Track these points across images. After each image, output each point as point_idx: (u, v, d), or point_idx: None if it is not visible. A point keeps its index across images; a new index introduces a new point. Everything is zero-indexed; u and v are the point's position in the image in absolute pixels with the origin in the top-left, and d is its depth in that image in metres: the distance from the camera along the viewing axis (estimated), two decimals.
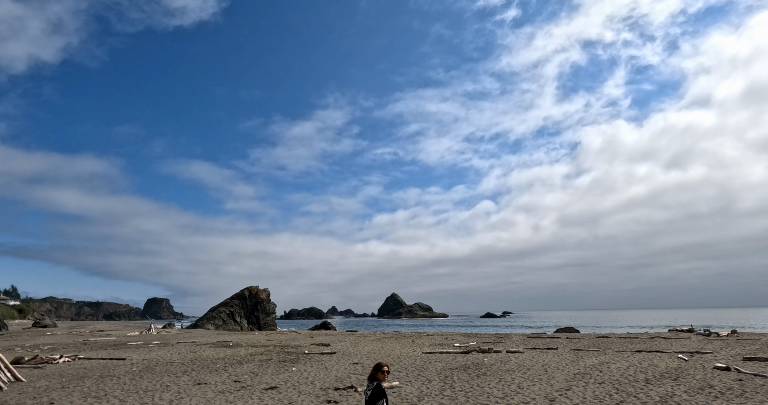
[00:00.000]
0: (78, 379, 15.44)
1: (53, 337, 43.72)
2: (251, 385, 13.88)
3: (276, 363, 19.63)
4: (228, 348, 27.47)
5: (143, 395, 12.34)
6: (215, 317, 77.45)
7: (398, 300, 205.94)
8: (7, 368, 14.95)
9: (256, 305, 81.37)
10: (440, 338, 35.70)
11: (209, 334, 51.34)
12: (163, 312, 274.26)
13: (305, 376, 15.70)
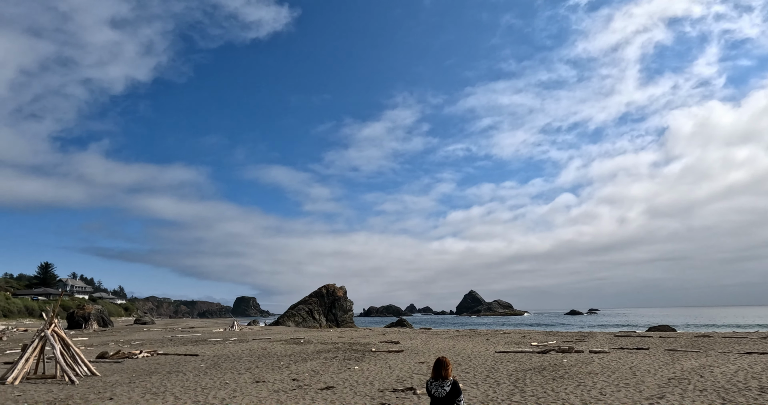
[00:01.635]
0: (147, 374, 15.78)
1: (147, 334, 46.70)
2: (308, 385, 13.36)
3: (340, 361, 19.13)
4: (298, 345, 27.55)
5: (199, 393, 12.18)
6: (295, 315, 79.70)
7: (476, 297, 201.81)
8: (83, 362, 15.57)
9: (334, 303, 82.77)
10: (517, 336, 33.75)
11: (287, 330, 52.59)
12: (251, 310, 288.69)
13: (365, 376, 14.97)
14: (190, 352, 23.14)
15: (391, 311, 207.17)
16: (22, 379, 13.85)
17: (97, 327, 69.94)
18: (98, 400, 11.09)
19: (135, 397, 11.62)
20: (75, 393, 12.13)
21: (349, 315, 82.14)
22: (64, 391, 12.34)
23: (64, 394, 11.91)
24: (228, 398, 11.40)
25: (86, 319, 71.23)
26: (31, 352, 14.53)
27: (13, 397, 11.58)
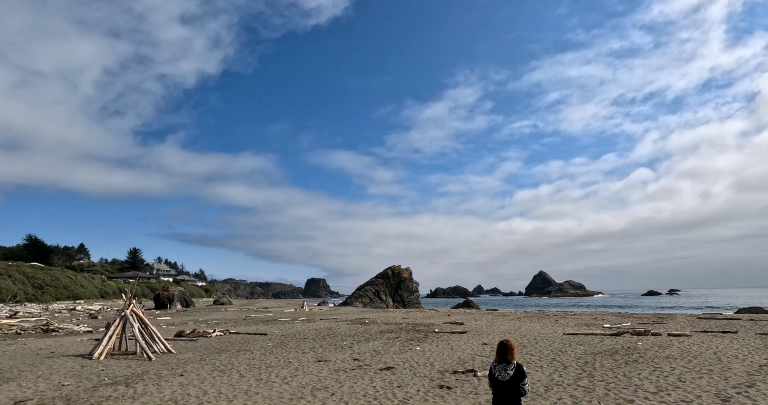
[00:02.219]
0: (217, 352, 16.54)
1: (224, 314, 49.34)
2: (368, 365, 13.41)
3: (402, 341, 19.12)
4: (362, 325, 27.93)
5: (263, 371, 12.56)
6: (362, 295, 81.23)
7: (546, 278, 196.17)
8: (160, 340, 16.57)
9: (399, 284, 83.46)
10: (588, 318, 32.32)
11: (354, 311, 53.67)
12: (321, 291, 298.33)
13: (426, 357, 14.83)
14: (260, 332, 24.09)
15: (458, 292, 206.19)
16: (106, 355, 14.95)
17: (180, 307, 74.91)
18: (170, 376, 11.71)
19: (203, 373, 12.16)
20: (151, 369, 12.91)
21: (415, 296, 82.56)
22: (141, 367, 13.17)
23: (141, 370, 12.69)
24: (289, 377, 11.65)
25: (170, 300, 76.35)
26: (113, 330, 15.64)
27: (96, 371, 12.49)
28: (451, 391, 9.87)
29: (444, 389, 10.11)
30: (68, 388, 10.25)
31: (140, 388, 10.18)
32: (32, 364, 13.45)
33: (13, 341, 20.45)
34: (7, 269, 74.47)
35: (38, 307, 54.38)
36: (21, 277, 74.84)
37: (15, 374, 11.82)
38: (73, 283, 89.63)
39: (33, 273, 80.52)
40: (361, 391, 9.98)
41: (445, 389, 10.11)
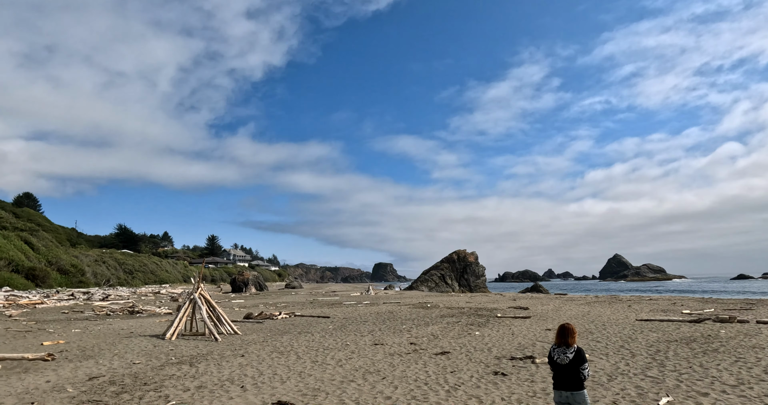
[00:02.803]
0: (280, 334, 17.09)
1: (294, 297, 51.18)
2: (424, 349, 13.28)
3: (462, 326, 18.82)
4: (424, 309, 27.86)
5: (320, 353, 12.78)
6: (427, 280, 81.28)
7: (622, 261, 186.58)
8: (227, 322, 17.35)
9: (465, 268, 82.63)
10: (666, 303, 30.29)
11: (418, 295, 53.79)
12: (388, 275, 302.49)
13: (485, 342, 14.47)
14: (323, 315, 24.67)
15: (527, 276, 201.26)
16: (177, 336, 15.87)
17: (254, 291, 78.59)
18: (232, 357, 12.21)
19: (263, 354, 12.58)
20: (215, 349, 13.53)
21: (482, 280, 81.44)
22: (208, 348, 13.84)
23: (207, 350, 13.34)
24: (344, 359, 11.77)
25: (245, 284, 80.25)
26: (183, 312, 16.56)
27: (166, 350, 13.28)
28: (505, 378, 9.53)
29: (498, 376, 9.78)
30: (138, 366, 10.95)
31: (202, 368, 10.68)
32: (112, 343, 14.54)
33: (102, 322, 22.24)
34: (101, 256, 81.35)
35: (127, 290, 59.03)
36: (114, 263, 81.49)
37: (95, 352, 12.82)
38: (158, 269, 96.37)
39: (124, 259, 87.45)
40: (412, 375, 9.87)
41: (499, 376, 9.78)
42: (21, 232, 66.33)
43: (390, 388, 8.73)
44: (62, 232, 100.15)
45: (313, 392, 8.44)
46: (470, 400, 7.94)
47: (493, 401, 7.84)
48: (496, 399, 7.97)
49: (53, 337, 15.80)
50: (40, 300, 35.02)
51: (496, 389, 8.64)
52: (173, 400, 7.75)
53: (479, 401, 7.85)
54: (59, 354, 12.34)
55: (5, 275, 45.91)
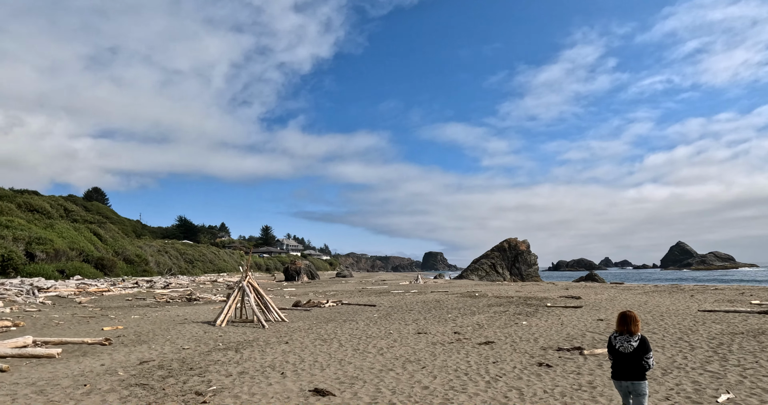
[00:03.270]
0: (326, 322, 17.30)
1: (343, 285, 51.96)
2: (468, 339, 13.04)
3: (509, 315, 18.38)
4: (471, 298, 27.47)
5: (363, 341, 12.81)
6: (478, 269, 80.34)
7: (686, 249, 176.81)
8: (274, 310, 17.74)
9: (517, 257, 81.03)
10: (733, 293, 28.37)
11: (468, 284, 53.22)
12: (439, 264, 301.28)
13: (531, 332, 14.04)
14: (370, 303, 24.81)
15: (582, 265, 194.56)
16: (227, 323, 16.39)
17: (306, 279, 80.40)
18: (276, 343, 12.45)
19: (306, 341, 12.75)
20: (261, 336, 13.86)
21: (534, 269, 79.60)
22: (254, 334, 14.20)
23: (253, 337, 13.69)
24: (386, 348, 11.73)
25: (298, 273, 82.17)
26: (232, 300, 17.07)
27: (215, 337, 13.73)
28: (549, 370, 9.17)
29: (543, 367, 9.42)
30: (187, 351, 11.36)
31: (246, 354, 10.94)
32: (166, 329, 15.20)
33: (161, 308, 23.36)
34: (164, 246, 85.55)
35: (187, 279, 61.86)
36: (175, 253, 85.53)
37: (149, 338, 13.43)
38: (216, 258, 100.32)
39: (184, 249, 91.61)
40: (453, 365, 9.69)
41: (543, 367, 9.42)
42: (90, 225, 70.73)
43: (428, 378, 8.59)
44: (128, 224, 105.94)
45: (351, 380, 8.43)
46: (510, 391, 7.68)
47: (535, 393, 7.54)
48: (537, 391, 7.67)
49: (114, 322, 16.72)
50: (107, 288, 37.26)
51: (539, 381, 8.32)
52: (215, 385, 7.95)
53: (520, 393, 7.57)
54: (116, 339, 13.02)
55: (77, 265, 49.14)
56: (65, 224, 62.03)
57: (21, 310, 19.41)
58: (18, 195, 68.16)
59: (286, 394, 7.49)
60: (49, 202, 72.72)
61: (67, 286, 35.54)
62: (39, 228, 52.85)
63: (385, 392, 7.62)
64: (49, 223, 59.23)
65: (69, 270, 46.00)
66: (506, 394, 7.49)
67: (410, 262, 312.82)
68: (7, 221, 49.20)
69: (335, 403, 7.03)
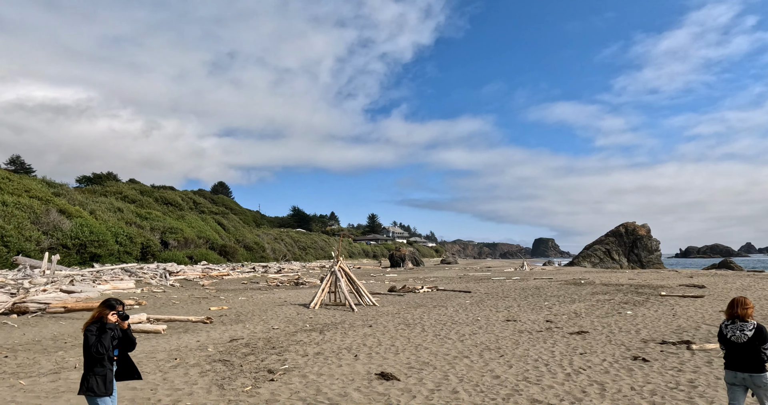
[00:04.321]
0: (415, 307, 17.28)
1: (445, 272, 51.80)
2: (560, 328, 12.21)
3: (614, 304, 16.90)
4: (576, 286, 25.75)
5: (446, 327, 12.56)
6: (590, 255, 75.41)
7: None
8: (366, 294, 18.11)
9: (635, 242, 74.64)
10: None
11: (577, 271, 50.18)
12: (550, 251, 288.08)
13: (635, 323, 12.75)
14: (465, 289, 24.36)
15: (717, 251, 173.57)
16: (320, 305, 17.06)
17: (410, 266, 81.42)
18: (360, 327, 12.67)
19: (390, 326, 12.81)
20: (348, 319, 14.20)
21: (656, 256, 72.72)
22: (342, 317, 14.60)
23: (340, 319, 14.08)
24: (468, 334, 11.38)
25: (402, 259, 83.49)
26: (325, 284, 17.72)
27: (306, 318, 14.34)
28: (645, 365, 8.23)
29: (637, 361, 8.49)
30: (275, 331, 11.99)
31: (329, 336, 11.26)
32: (264, 310, 16.22)
33: (269, 291, 25.03)
34: (279, 235, 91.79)
35: (299, 264, 65.77)
36: (289, 241, 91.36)
37: (247, 317, 14.41)
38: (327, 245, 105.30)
39: (298, 237, 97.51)
40: (534, 354, 9.10)
41: (638, 361, 8.48)
42: (215, 216, 77.97)
43: (503, 367, 8.15)
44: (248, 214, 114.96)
45: (421, 366, 8.28)
46: (591, 386, 7.00)
47: (619, 389, 6.79)
48: (623, 387, 6.90)
49: (221, 303, 18.22)
50: (227, 272, 40.86)
51: (628, 376, 7.49)
52: (288, 364, 8.27)
53: (601, 388, 6.87)
54: (218, 318, 14.16)
55: (204, 251, 54.54)
56: (194, 215, 69.03)
57: (149, 290, 21.97)
58: (156, 190, 77.11)
59: (351, 376, 7.55)
60: (181, 196, 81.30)
61: (193, 270, 39.57)
62: (172, 219, 59.37)
63: (452, 379, 7.36)
64: (181, 214, 66.26)
65: (196, 256, 51.18)
66: (585, 389, 6.83)
67: (519, 249, 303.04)
68: (147, 213, 55.90)
69: (398, 387, 6.93)
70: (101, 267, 32.54)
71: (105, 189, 64.44)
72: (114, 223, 44.34)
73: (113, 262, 37.40)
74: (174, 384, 6.99)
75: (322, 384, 7.05)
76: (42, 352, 9.03)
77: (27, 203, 36.53)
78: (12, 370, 7.62)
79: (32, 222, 34.45)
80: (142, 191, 70.77)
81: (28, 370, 7.67)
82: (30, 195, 39.58)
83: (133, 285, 22.68)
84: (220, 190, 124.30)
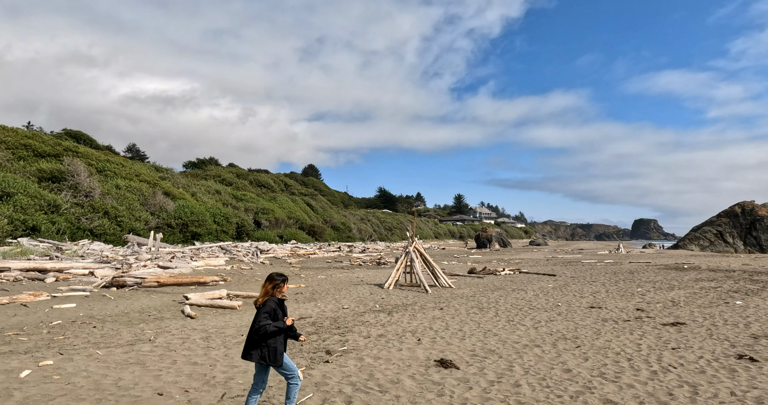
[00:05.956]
0: (492, 290, 16.56)
1: (533, 254, 49.81)
2: (651, 318, 10.99)
3: (721, 293, 15.00)
4: (677, 270, 23.34)
5: (522, 312, 11.82)
6: (699, 237, 68.76)
7: None
8: (442, 276, 17.67)
9: (753, 223, 66.78)
10: None
11: (682, 254, 45.84)
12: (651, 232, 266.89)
13: (744, 314, 11.16)
14: (550, 273, 23.06)
15: None
16: (395, 286, 16.92)
17: (497, 247, 79.40)
18: (430, 309, 12.31)
19: (462, 309, 12.31)
20: (420, 300, 13.90)
21: None
22: (414, 298, 14.32)
23: (412, 301, 13.80)
24: (544, 321, 10.60)
25: (489, 240, 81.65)
26: (399, 264, 17.52)
27: (378, 298, 14.24)
28: (752, 365, 7.06)
29: (743, 360, 7.32)
30: (345, 311, 11.99)
31: (396, 317, 11.03)
32: (339, 289, 16.39)
33: (349, 270, 25.46)
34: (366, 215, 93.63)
35: (383, 245, 66.61)
36: (375, 221, 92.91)
37: (321, 296, 14.62)
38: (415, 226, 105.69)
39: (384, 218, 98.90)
40: (617, 347, 8.20)
41: (744, 360, 7.31)
42: (304, 197, 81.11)
43: (577, 360, 7.39)
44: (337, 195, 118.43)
45: (486, 354, 7.76)
46: (680, 388, 6.09)
47: (716, 394, 5.84)
48: (721, 391, 5.93)
49: (300, 281, 18.73)
50: (314, 251, 42.33)
51: (729, 378, 6.45)
52: (348, 346, 8.14)
53: (693, 392, 5.95)
54: (294, 296, 14.51)
55: (293, 231, 57.01)
56: (285, 197, 72.23)
57: (238, 268, 23.21)
58: (251, 173, 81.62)
59: (409, 361, 7.23)
60: (273, 178, 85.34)
61: (283, 248, 41.43)
62: (265, 200, 62.52)
63: (516, 371, 6.78)
64: (273, 196, 69.60)
65: (286, 235, 53.59)
66: (672, 391, 5.95)
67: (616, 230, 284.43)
68: (242, 195, 59.36)
69: (455, 376, 6.51)
70: (201, 245, 35.07)
71: (206, 173, 69.35)
72: (212, 205, 47.54)
73: (212, 241, 40.18)
74: (233, 361, 7.12)
75: (376, 368, 6.81)
76: (127, 324, 9.71)
77: (137, 186, 40.18)
78: (95, 340, 8.23)
79: (141, 203, 37.83)
80: (238, 174, 75.22)
81: (109, 340, 8.25)
82: (140, 179, 43.51)
83: (224, 262, 24.08)
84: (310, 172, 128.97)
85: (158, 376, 6.33)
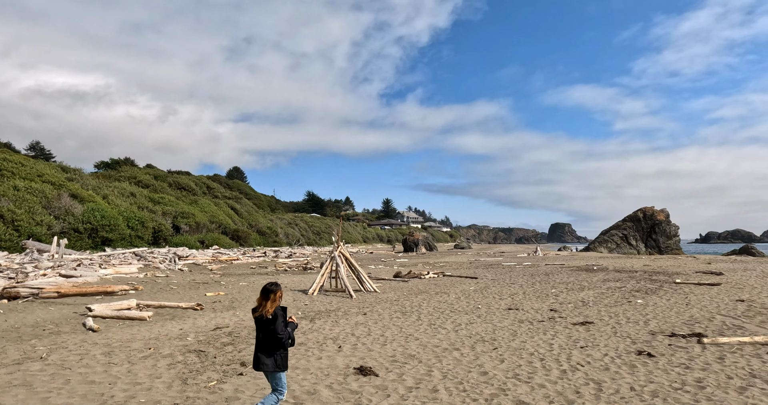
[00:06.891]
0: (416, 294, 16.74)
1: (457, 257, 51.26)
2: (563, 318, 11.57)
3: (624, 292, 16.15)
4: (587, 272, 24.94)
5: (443, 315, 12.01)
6: (607, 240, 74.12)
7: None
8: (367, 280, 17.62)
9: (653, 227, 73.08)
10: None
11: (592, 256, 49.13)
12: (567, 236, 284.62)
13: (644, 313, 12.05)
14: (471, 276, 23.76)
15: (738, 237, 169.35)
16: (319, 291, 16.64)
17: (423, 251, 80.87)
18: (354, 315, 12.18)
19: (385, 313, 12.30)
20: (344, 306, 13.73)
21: (675, 241, 71.05)
22: (339, 304, 14.13)
23: (336, 307, 13.61)
24: (464, 324, 10.82)
25: (416, 244, 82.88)
26: (324, 269, 17.26)
27: (301, 305, 13.91)
28: (650, 360, 7.58)
29: (641, 356, 7.84)
30: None
31: (318, 324, 10.79)
32: None
33: (274, 277, 24.74)
34: (293, 219, 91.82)
35: (311, 249, 65.68)
36: (304, 226, 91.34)
37: (240, 304, 14.01)
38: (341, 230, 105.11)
39: (312, 222, 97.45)
40: (531, 348, 8.51)
41: (643, 356, 7.84)
42: (228, 200, 78.17)
43: (494, 362, 7.57)
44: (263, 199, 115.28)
45: (406, 359, 7.75)
46: (586, 385, 6.39)
47: (617, 390, 6.18)
48: (622, 387, 6.28)
49: (220, 289, 17.91)
50: (237, 257, 40.81)
51: (629, 374, 6.86)
52: None
53: (598, 388, 6.26)
54: (212, 304, 13.81)
55: (216, 236, 54.68)
56: (207, 200, 69.17)
57: (152, 275, 21.81)
58: (170, 175, 77.38)
59: (328, 370, 7.05)
60: (195, 180, 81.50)
61: (204, 255, 39.57)
62: (185, 204, 59.48)
63: (435, 376, 6.81)
64: (194, 199, 66.41)
65: (208, 241, 51.28)
66: (579, 389, 6.23)
67: (535, 234, 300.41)
68: (159, 198, 56.07)
69: (374, 384, 6.41)
70: (112, 251, 32.64)
71: (120, 174, 64.85)
72: (126, 208, 44.51)
73: (125, 247, 37.58)
74: (137, 377, 6.56)
75: (293, 379, 6.56)
76: (15, 340, 8.72)
77: (39, 188, 36.71)
78: None
79: (44, 206, 34.62)
80: (156, 176, 71.07)
81: None
82: (43, 180, 39.82)
83: (136, 270, 22.55)
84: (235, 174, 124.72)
85: (46, 398, 5.68)
